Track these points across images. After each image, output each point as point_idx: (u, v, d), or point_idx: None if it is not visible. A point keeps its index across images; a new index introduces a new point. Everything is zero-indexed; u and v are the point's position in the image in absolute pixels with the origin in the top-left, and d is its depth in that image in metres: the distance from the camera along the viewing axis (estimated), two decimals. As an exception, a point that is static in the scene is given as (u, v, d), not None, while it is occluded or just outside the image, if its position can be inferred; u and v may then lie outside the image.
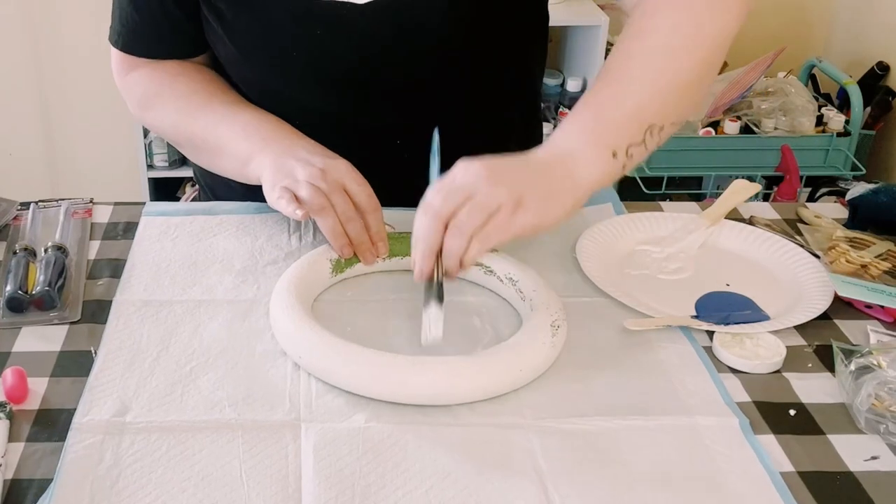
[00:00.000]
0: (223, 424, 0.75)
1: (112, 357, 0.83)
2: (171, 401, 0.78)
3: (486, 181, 0.80)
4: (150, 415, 0.76)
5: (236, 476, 0.71)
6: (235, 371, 0.82)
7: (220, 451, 0.73)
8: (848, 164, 2.34)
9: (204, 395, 0.79)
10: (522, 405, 0.79)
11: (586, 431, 0.76)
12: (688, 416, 0.78)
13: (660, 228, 1.06)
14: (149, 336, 0.86)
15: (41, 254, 0.95)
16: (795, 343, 0.88)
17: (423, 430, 0.75)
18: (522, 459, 0.73)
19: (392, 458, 0.72)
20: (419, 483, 0.70)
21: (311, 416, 0.76)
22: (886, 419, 0.77)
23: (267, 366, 0.82)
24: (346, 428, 0.75)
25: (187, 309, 0.90)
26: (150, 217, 1.06)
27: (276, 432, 0.75)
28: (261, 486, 0.70)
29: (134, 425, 0.75)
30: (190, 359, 0.83)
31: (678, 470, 0.73)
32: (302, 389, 0.80)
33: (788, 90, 2.40)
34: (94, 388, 0.79)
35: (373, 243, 0.93)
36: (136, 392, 0.79)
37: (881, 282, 0.97)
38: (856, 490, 0.72)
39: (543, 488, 0.70)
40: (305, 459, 0.72)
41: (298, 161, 0.94)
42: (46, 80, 2.67)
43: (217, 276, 0.95)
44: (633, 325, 0.88)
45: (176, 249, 1.00)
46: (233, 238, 1.01)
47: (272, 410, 0.77)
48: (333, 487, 0.70)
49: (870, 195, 1.09)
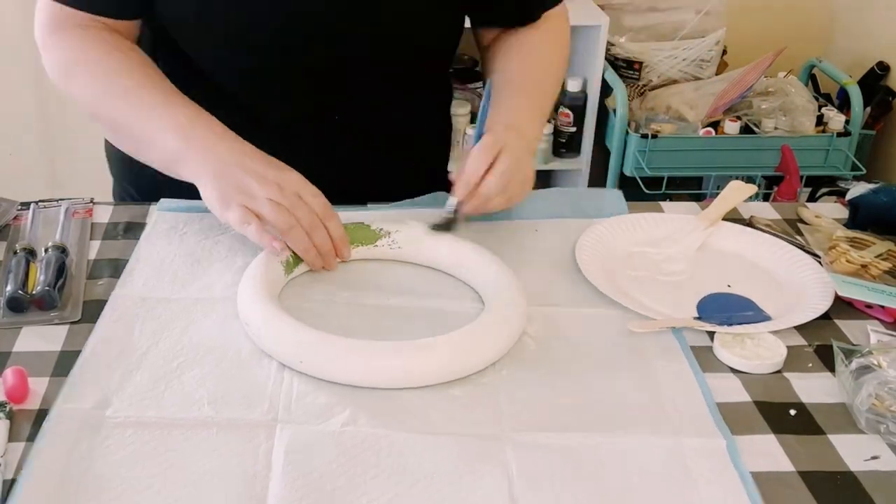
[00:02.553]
0: (199, 422, 0.76)
1: (101, 349, 0.84)
2: (153, 396, 0.78)
3: (524, 154, 1.02)
4: (129, 409, 0.77)
5: (203, 474, 0.70)
6: (220, 369, 0.82)
7: (193, 449, 0.73)
8: (848, 164, 2.34)
9: (186, 392, 0.79)
10: (503, 415, 0.78)
11: (565, 446, 0.74)
12: (673, 435, 0.76)
13: (657, 229, 1.07)
14: (141, 331, 0.86)
15: (41, 254, 0.95)
16: (795, 343, 0.88)
17: (400, 436, 0.75)
18: (495, 471, 0.72)
19: (363, 463, 0.72)
20: (387, 489, 0.70)
21: (288, 418, 0.76)
22: (887, 419, 0.77)
23: (252, 365, 0.82)
24: (322, 431, 0.75)
25: (183, 306, 0.90)
26: (163, 212, 1.06)
27: (251, 432, 0.75)
28: (227, 485, 0.70)
29: (112, 419, 0.76)
30: (178, 355, 0.83)
31: (655, 490, 0.71)
32: (283, 390, 0.79)
33: (788, 90, 2.40)
34: (78, 378, 0.80)
35: (336, 250, 0.95)
36: (119, 385, 0.79)
37: (881, 282, 0.97)
38: (856, 490, 0.72)
39: (513, 501, 0.69)
40: (276, 460, 0.72)
41: (248, 173, 0.92)
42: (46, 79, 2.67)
43: (217, 274, 0.95)
44: (636, 328, 0.88)
45: (182, 246, 1.00)
46: (239, 236, 1.00)
47: (250, 410, 0.77)
48: (299, 490, 0.69)
49: (870, 195, 1.09)
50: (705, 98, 2.34)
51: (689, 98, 2.37)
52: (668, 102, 2.38)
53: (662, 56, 2.44)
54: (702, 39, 2.43)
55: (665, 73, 2.45)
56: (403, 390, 0.80)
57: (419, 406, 0.78)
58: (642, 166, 2.31)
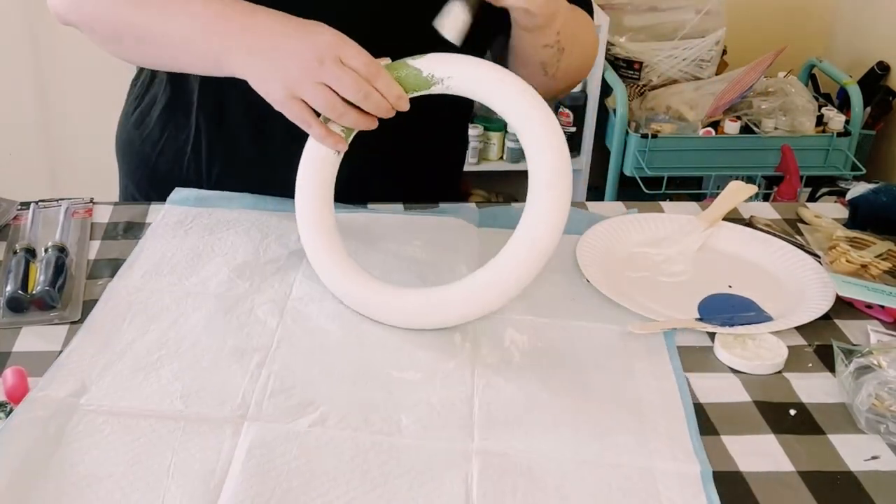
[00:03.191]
0: (168, 415, 0.76)
1: (89, 337, 0.84)
2: (131, 387, 0.79)
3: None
4: (104, 398, 0.77)
5: (165, 467, 0.71)
6: (199, 364, 0.82)
7: (158, 441, 0.73)
8: (848, 164, 2.34)
9: (162, 385, 0.79)
10: (474, 426, 0.76)
11: (532, 462, 0.72)
12: (647, 458, 0.74)
13: (658, 230, 1.06)
14: (130, 322, 0.87)
15: (41, 254, 0.95)
16: (796, 343, 0.88)
17: (365, 440, 0.74)
18: (455, 481, 0.70)
19: (323, 464, 0.72)
20: (343, 493, 0.69)
21: (257, 415, 0.76)
22: (887, 419, 0.77)
23: (231, 361, 0.82)
24: (288, 430, 0.75)
25: (174, 299, 0.90)
26: (172, 206, 1.06)
27: (218, 428, 0.75)
28: (185, 479, 0.70)
29: (85, 406, 0.76)
30: (161, 347, 0.84)
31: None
32: (258, 388, 0.79)
33: (789, 90, 2.40)
34: (61, 364, 0.81)
35: (394, 106, 0.89)
36: (100, 374, 0.80)
37: (881, 282, 0.97)
38: (856, 490, 0.72)
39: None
40: (237, 457, 0.72)
41: (287, 56, 0.88)
42: (46, 79, 2.67)
43: (215, 269, 0.95)
44: (637, 329, 0.88)
45: (186, 240, 1.00)
46: (243, 233, 1.01)
47: (221, 406, 0.77)
48: (254, 487, 0.69)
49: (870, 195, 1.09)
50: (705, 98, 2.34)
51: (689, 98, 2.37)
52: (668, 102, 2.38)
53: (662, 56, 2.44)
54: (702, 39, 2.43)
55: (665, 73, 2.45)
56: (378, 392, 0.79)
57: (390, 410, 0.77)
58: (642, 166, 2.31)
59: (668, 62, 2.44)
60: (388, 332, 0.87)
